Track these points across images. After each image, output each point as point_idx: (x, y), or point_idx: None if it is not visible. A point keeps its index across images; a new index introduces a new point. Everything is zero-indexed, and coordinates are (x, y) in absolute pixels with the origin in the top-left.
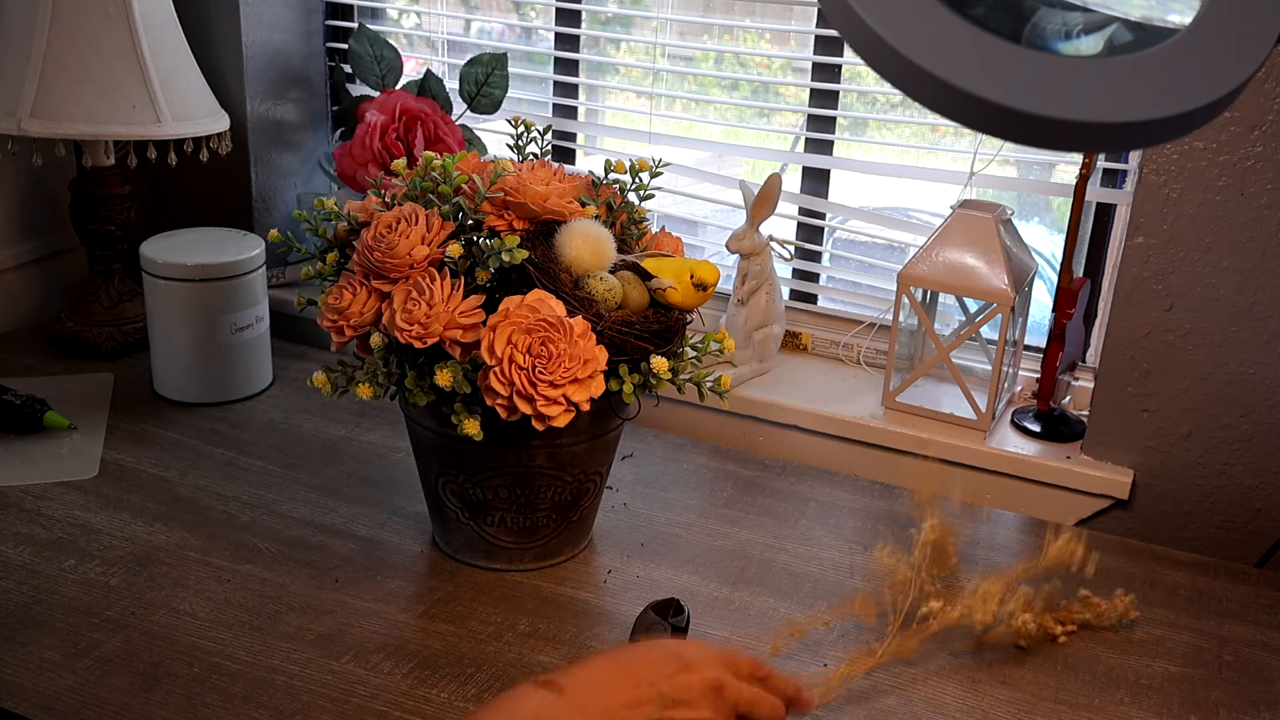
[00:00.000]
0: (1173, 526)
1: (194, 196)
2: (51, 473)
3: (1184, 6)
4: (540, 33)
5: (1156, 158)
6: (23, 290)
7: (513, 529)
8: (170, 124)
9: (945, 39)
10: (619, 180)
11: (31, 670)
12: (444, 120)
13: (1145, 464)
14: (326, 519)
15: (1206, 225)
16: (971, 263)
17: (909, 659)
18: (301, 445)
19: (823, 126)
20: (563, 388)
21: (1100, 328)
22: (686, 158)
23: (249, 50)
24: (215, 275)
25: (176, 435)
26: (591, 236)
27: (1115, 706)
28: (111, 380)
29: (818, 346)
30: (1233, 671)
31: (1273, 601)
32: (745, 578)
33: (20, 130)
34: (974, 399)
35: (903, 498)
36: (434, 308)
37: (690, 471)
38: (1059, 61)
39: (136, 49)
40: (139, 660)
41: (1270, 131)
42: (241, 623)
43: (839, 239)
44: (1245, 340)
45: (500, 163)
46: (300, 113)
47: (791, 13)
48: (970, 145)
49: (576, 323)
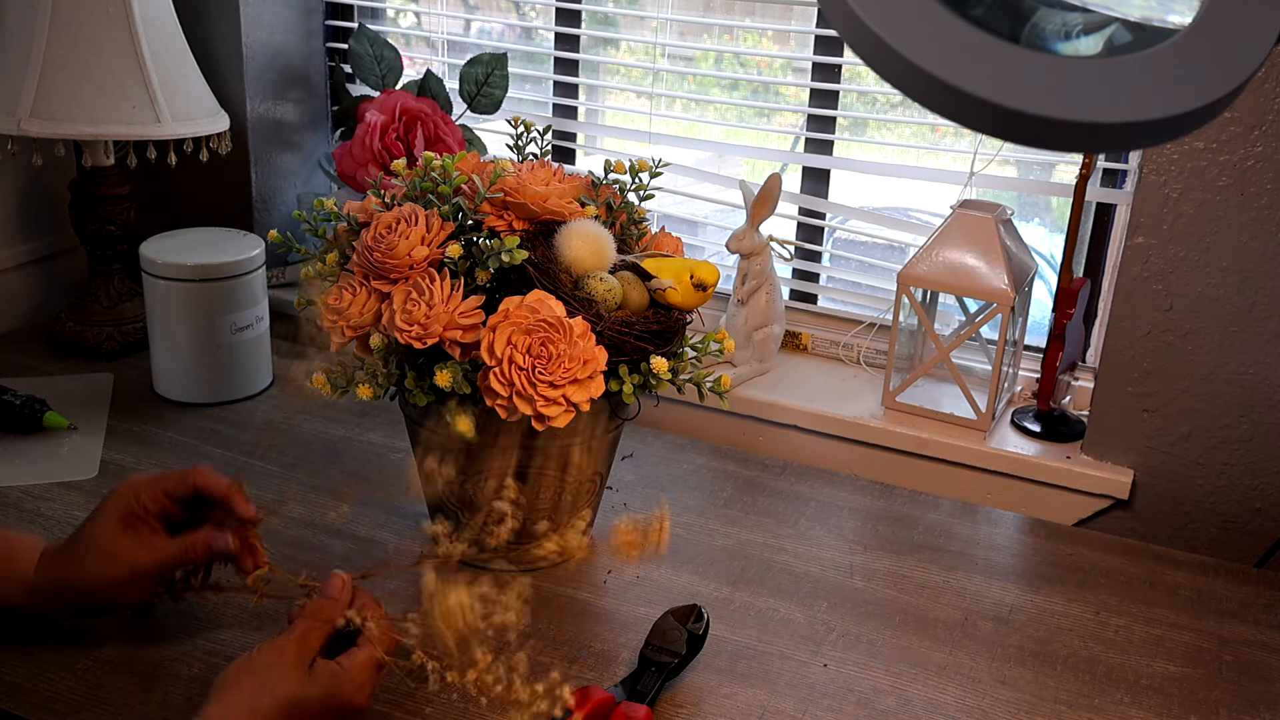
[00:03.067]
0: (1173, 526)
1: (194, 196)
2: (51, 473)
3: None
4: (540, 33)
5: (1156, 158)
6: (23, 290)
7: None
8: (170, 124)
9: (945, 39)
10: (619, 180)
11: (31, 670)
12: (444, 120)
13: (1145, 464)
14: (326, 519)
15: (1206, 225)
16: (971, 263)
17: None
18: (301, 445)
19: (823, 126)
20: (562, 388)
21: (1100, 328)
22: (686, 158)
23: (249, 50)
24: (215, 275)
25: (176, 435)
26: (591, 237)
27: (1115, 706)
28: (111, 380)
29: (818, 346)
30: (1233, 671)
31: (1273, 601)
32: (745, 578)
33: (20, 130)
34: (974, 399)
35: (903, 497)
36: (434, 308)
37: (690, 471)
38: (1058, 62)
39: (136, 49)
40: (139, 660)
41: (1270, 131)
42: (241, 623)
43: (839, 239)
44: (1245, 340)
45: (500, 163)
46: (300, 113)
47: (791, 13)
48: (970, 145)
49: (576, 323)
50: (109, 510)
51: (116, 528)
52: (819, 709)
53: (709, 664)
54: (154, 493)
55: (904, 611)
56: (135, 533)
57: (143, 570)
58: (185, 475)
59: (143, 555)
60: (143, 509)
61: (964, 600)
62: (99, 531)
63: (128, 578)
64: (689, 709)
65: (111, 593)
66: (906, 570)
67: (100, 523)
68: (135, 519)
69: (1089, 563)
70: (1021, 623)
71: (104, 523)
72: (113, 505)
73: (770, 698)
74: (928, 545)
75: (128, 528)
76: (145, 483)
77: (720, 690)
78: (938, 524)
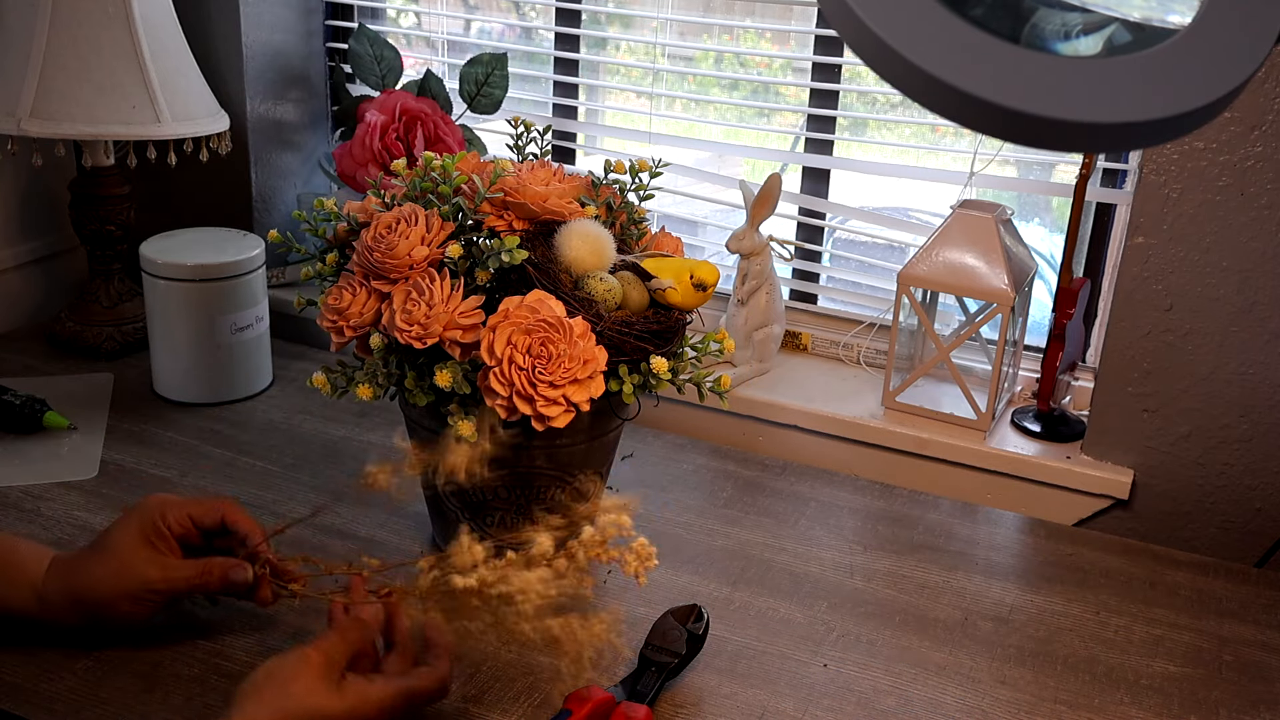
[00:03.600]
0: (1173, 526)
1: (194, 196)
2: (51, 473)
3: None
4: (540, 33)
5: (1156, 158)
6: (23, 290)
7: (513, 529)
8: (170, 124)
9: (944, 40)
10: (619, 180)
11: (32, 670)
12: (444, 120)
13: (1145, 464)
14: (326, 519)
15: (1206, 225)
16: (971, 263)
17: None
18: (301, 445)
19: (823, 126)
20: (562, 388)
21: (1100, 328)
22: (686, 158)
23: (249, 50)
24: (215, 275)
25: (176, 435)
26: (591, 237)
27: (1115, 706)
28: (111, 380)
29: (818, 346)
30: (1233, 671)
31: (1273, 601)
32: (745, 578)
33: (20, 130)
34: (974, 399)
35: (903, 497)
36: (434, 308)
37: (690, 471)
38: (1058, 62)
39: (136, 49)
40: (139, 660)
41: (1270, 131)
42: (241, 623)
43: (839, 239)
44: (1245, 340)
45: (500, 163)
46: (300, 113)
47: (791, 13)
48: (970, 145)
49: (576, 323)
50: (132, 522)
51: (136, 539)
52: (819, 709)
53: (709, 664)
54: (180, 515)
55: (904, 611)
56: (153, 549)
57: (153, 586)
58: (215, 506)
59: (155, 572)
60: (166, 528)
61: (964, 600)
62: (118, 540)
63: (136, 591)
64: (689, 709)
65: (117, 603)
66: (906, 570)
67: (121, 532)
68: (157, 535)
69: (1089, 563)
70: (1021, 623)
71: (125, 532)
72: (136, 518)
73: (770, 698)
74: (928, 545)
75: (146, 543)
76: (174, 504)
77: (720, 690)
78: (938, 524)
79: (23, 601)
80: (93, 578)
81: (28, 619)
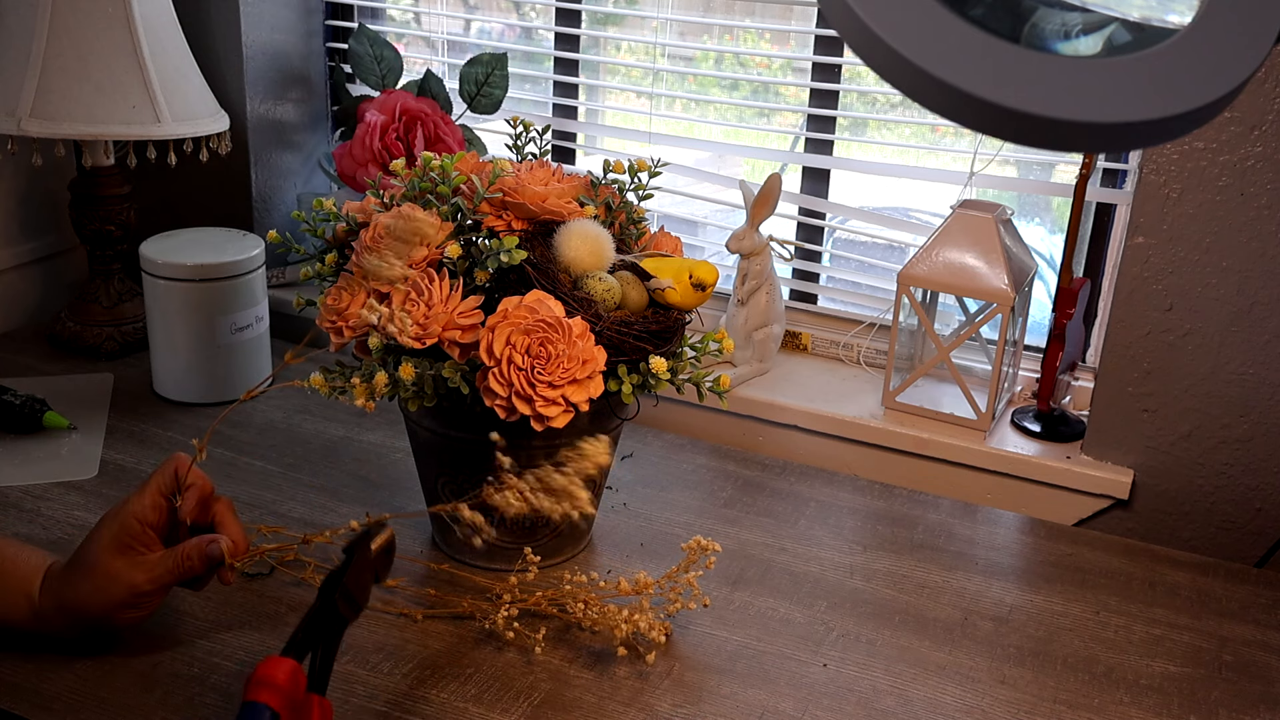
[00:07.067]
0: (1173, 526)
1: (194, 196)
2: (51, 473)
3: (1183, 6)
4: (540, 33)
5: (1156, 158)
6: (23, 290)
7: (512, 529)
8: (170, 124)
9: (944, 39)
10: (618, 180)
11: (31, 670)
12: (444, 120)
13: (1145, 464)
14: (326, 519)
15: (1206, 225)
16: (971, 263)
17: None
18: (301, 445)
19: (823, 126)
20: (561, 388)
21: (1100, 328)
22: (686, 158)
23: (249, 50)
24: (215, 275)
25: (176, 435)
26: (590, 237)
27: (1115, 706)
28: (111, 380)
29: (818, 346)
30: (1233, 671)
31: (1273, 601)
32: (745, 578)
33: (20, 130)
34: (974, 399)
35: (903, 497)
36: (433, 308)
37: (690, 471)
38: (1058, 62)
39: (136, 49)
40: (139, 660)
41: (1270, 131)
42: (241, 623)
43: (839, 239)
44: (1245, 340)
45: (499, 163)
46: (300, 113)
47: (791, 13)
48: (970, 145)
49: (575, 323)
50: (102, 535)
51: (110, 551)
52: (819, 709)
53: (709, 664)
54: (153, 501)
55: (904, 611)
56: (129, 555)
57: (140, 590)
58: (166, 467)
59: (139, 576)
60: (139, 524)
61: (964, 600)
62: (93, 557)
63: (127, 599)
64: (689, 709)
65: (113, 614)
66: (906, 570)
67: (94, 547)
68: (130, 539)
69: (1089, 563)
70: (1021, 622)
71: (97, 547)
72: (105, 530)
73: (770, 698)
74: (928, 545)
75: (120, 551)
76: (135, 498)
77: (720, 690)
78: (938, 524)
79: (21, 617)
80: (80, 595)
81: (22, 631)
